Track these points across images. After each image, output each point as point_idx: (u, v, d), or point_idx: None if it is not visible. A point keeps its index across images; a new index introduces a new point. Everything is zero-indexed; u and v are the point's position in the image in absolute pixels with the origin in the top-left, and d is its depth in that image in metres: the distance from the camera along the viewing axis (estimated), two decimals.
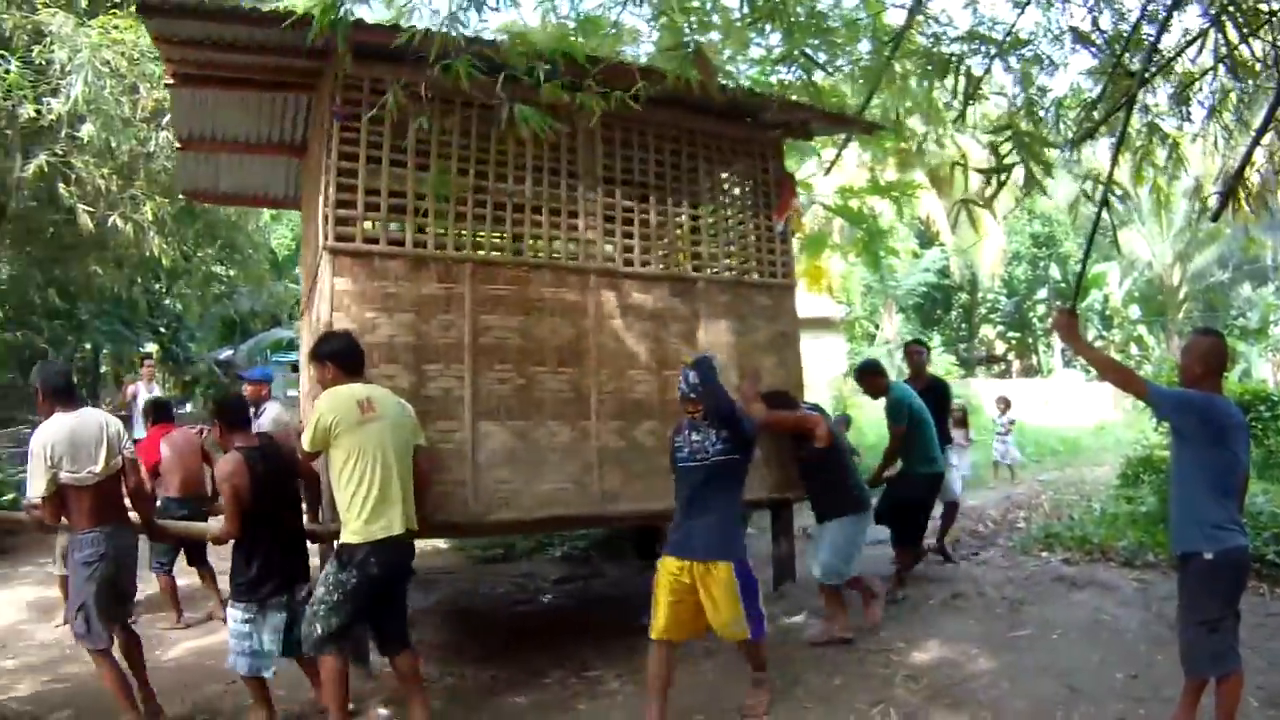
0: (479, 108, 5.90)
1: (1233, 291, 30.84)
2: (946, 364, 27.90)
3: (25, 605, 7.67)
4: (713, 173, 6.83)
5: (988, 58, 5.49)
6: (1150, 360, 29.64)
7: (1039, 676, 5.10)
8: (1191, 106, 6.32)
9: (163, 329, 20.21)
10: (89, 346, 19.79)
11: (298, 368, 10.12)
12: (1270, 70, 5.77)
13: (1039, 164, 4.60)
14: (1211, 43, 5.49)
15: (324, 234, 5.47)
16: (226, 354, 21.65)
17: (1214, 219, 7.57)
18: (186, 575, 7.33)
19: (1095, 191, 4.78)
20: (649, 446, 6.16)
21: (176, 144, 7.26)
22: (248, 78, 6.00)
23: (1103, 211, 4.75)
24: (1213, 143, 7.30)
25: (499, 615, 7.38)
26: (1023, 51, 5.60)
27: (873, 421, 12.35)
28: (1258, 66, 5.85)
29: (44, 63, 9.27)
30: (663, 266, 6.53)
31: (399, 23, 4.40)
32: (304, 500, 5.31)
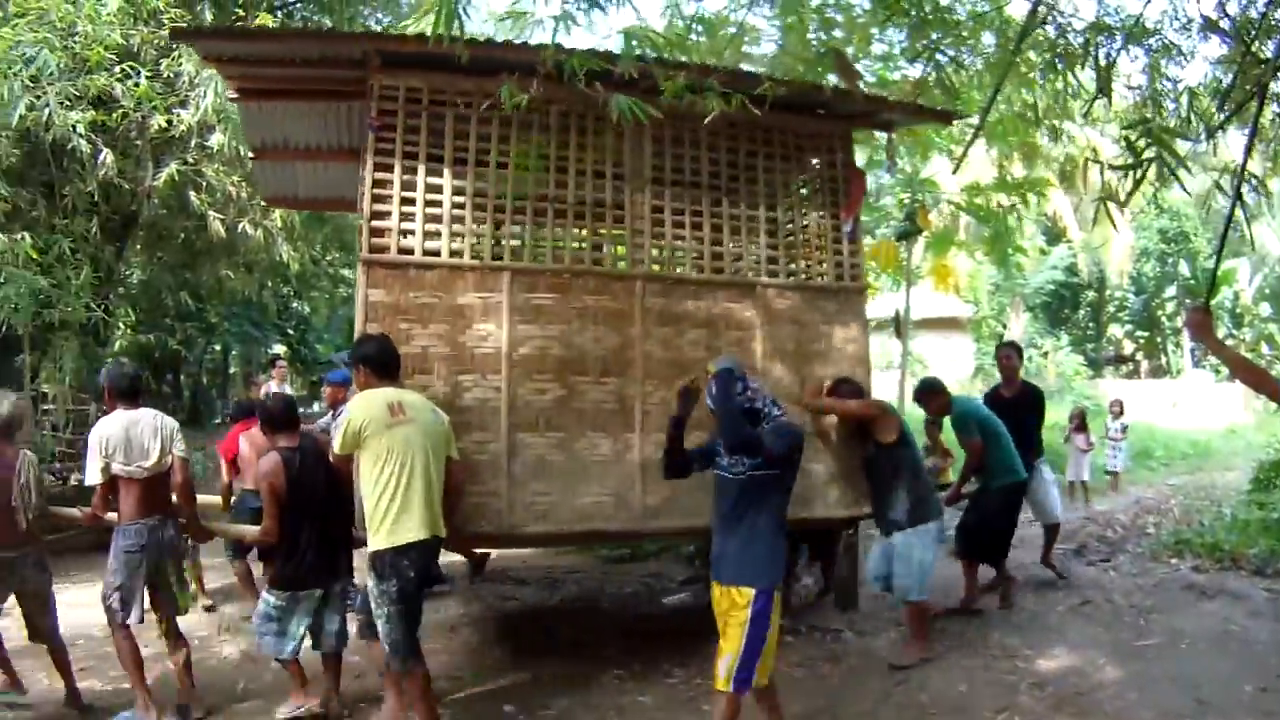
0: (517, 111, 5.81)
1: None
2: (1074, 364, 26.75)
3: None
4: (773, 169, 6.46)
5: (1114, 49, 5.12)
6: None
7: (1166, 687, 5.07)
8: None
9: (290, 330, 21.05)
10: (219, 348, 20.85)
11: None
12: None
13: (1174, 157, 4.30)
14: None
15: (359, 245, 5.48)
16: None
17: None
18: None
19: (1228, 184, 4.45)
20: None
21: (250, 154, 7.45)
22: (300, 89, 6.09)
23: (1236, 205, 4.34)
24: None
25: (625, 614, 7.37)
26: (1150, 41, 5.24)
27: None
28: None
29: (172, 75, 9.76)
30: (717, 270, 6.25)
31: (440, 33, 4.34)
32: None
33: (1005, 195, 11.44)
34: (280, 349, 20.39)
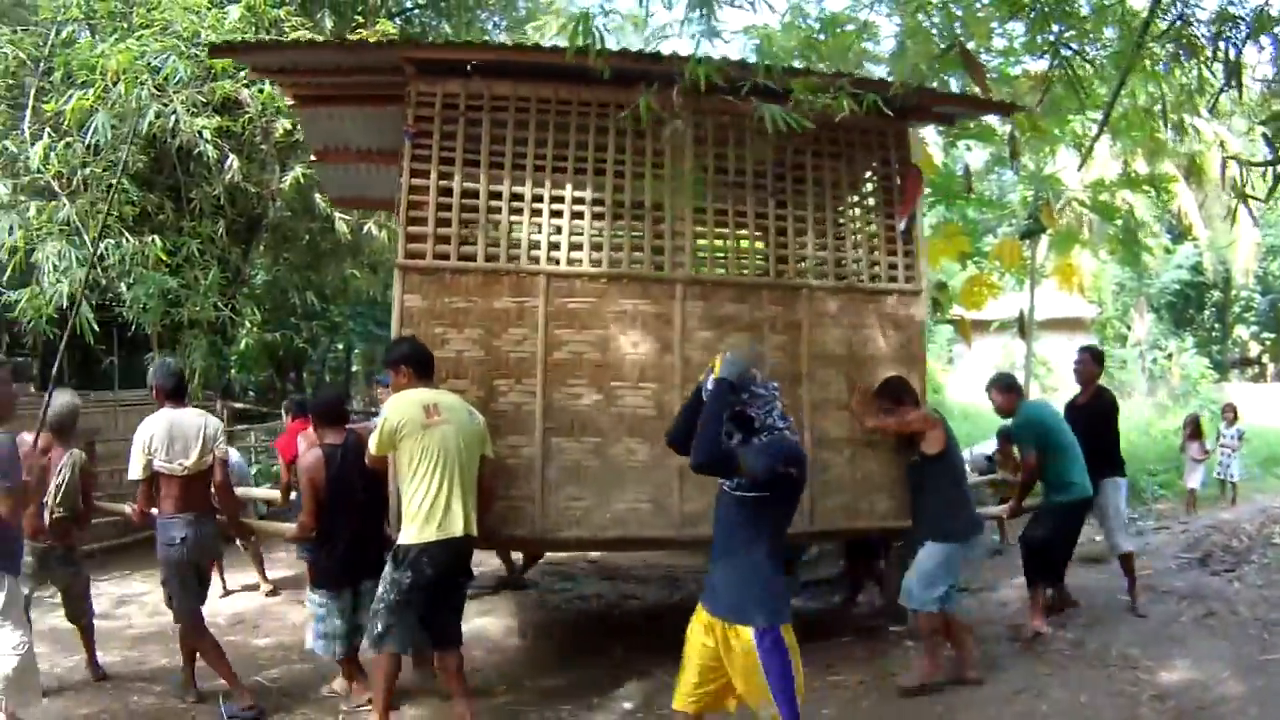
0: (557, 114, 5.77)
1: None
2: (1199, 367, 25.31)
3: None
4: (822, 165, 6.25)
5: (1240, 40, 4.82)
6: None
7: None
8: None
9: None
10: (341, 346, 21.41)
11: None
12: None
13: None
14: None
15: (396, 250, 5.54)
16: None
17: None
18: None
19: None
20: None
21: (313, 156, 7.62)
22: (349, 95, 6.19)
23: None
24: None
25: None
26: (1278, 31, 4.88)
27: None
28: None
29: None
30: (762, 273, 6.08)
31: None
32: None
33: (1130, 191, 10.93)
34: None
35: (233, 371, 11.35)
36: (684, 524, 5.68)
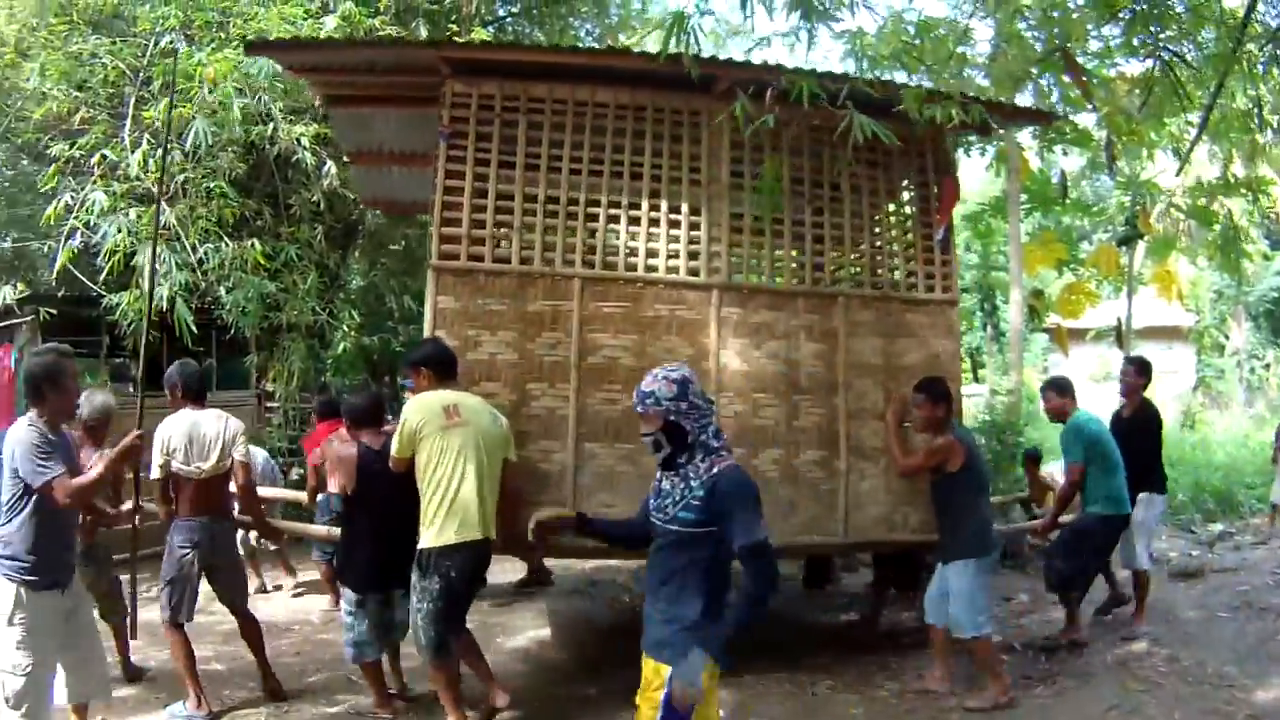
0: (594, 117, 5.72)
1: None
2: None
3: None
4: (859, 174, 6.17)
5: None
6: None
7: None
8: None
9: None
10: None
11: None
12: None
13: None
14: None
15: (429, 251, 5.48)
16: None
17: None
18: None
19: None
20: (771, 477, 5.68)
21: (345, 158, 7.59)
22: (384, 96, 6.16)
23: None
24: None
25: (835, 623, 7.32)
26: None
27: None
28: None
29: None
30: (797, 280, 6.01)
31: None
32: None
33: (1228, 196, 10.72)
34: None
35: (328, 375, 11.41)
36: None
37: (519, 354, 5.44)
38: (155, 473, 5.06)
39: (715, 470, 3.00)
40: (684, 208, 5.79)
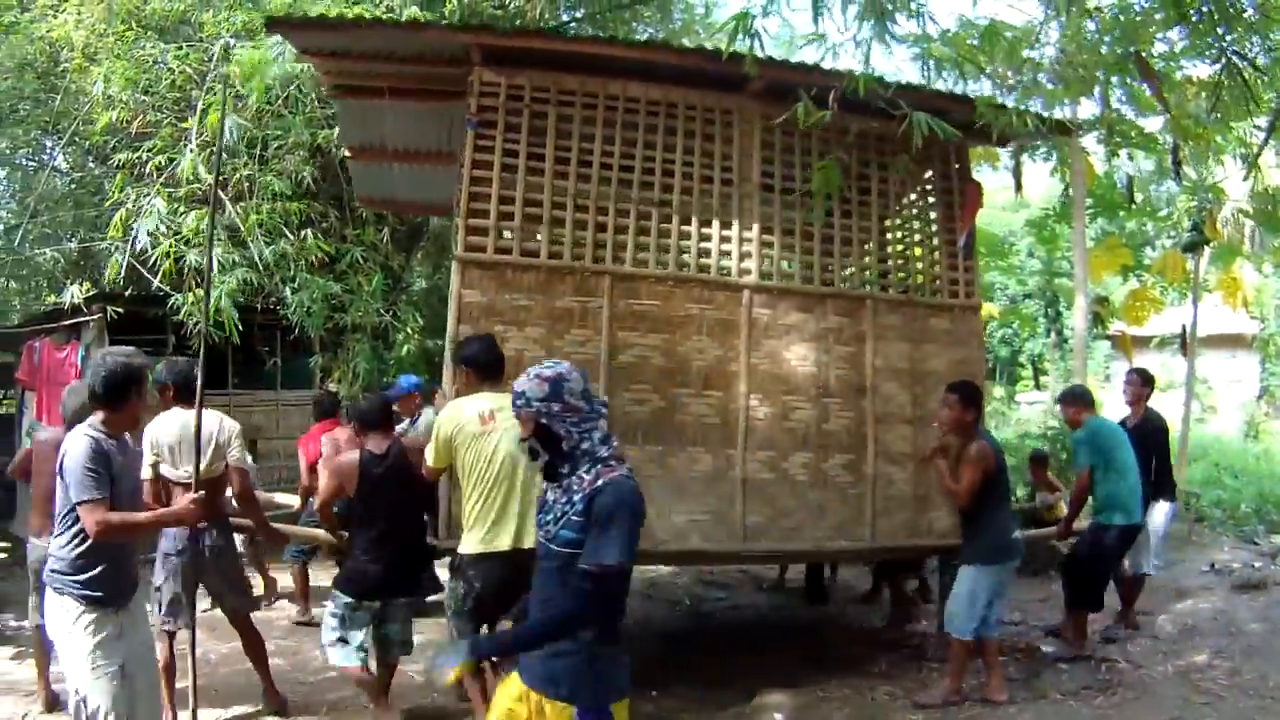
0: (625, 112, 5.60)
1: None
2: None
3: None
4: (886, 179, 6.13)
5: None
6: None
7: None
8: None
9: None
10: None
11: None
12: None
13: None
14: None
15: (455, 243, 5.29)
16: None
17: None
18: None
19: None
20: (800, 481, 5.61)
21: (346, 153, 7.35)
22: (398, 87, 5.96)
23: None
24: None
25: (892, 628, 7.12)
26: None
27: None
28: None
29: None
30: (826, 282, 5.93)
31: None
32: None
33: None
34: None
35: (389, 375, 11.22)
36: (746, 538, 5.48)
37: (546, 351, 5.24)
38: (145, 472, 4.68)
39: (600, 482, 2.61)
40: (715, 206, 5.68)
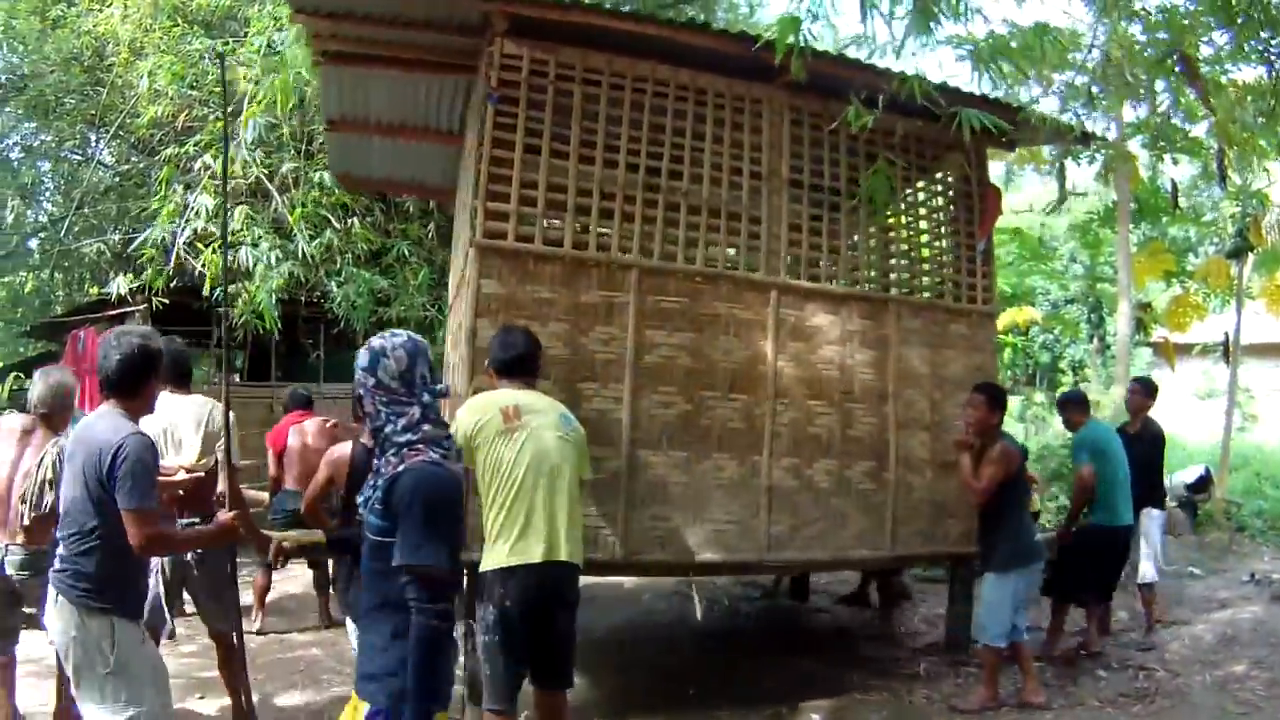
0: (654, 96, 5.26)
1: None
2: None
3: None
4: (911, 181, 5.97)
5: None
6: None
7: None
8: None
9: None
10: None
11: None
12: None
13: None
14: None
15: (473, 228, 4.87)
16: None
17: None
18: None
19: None
20: (823, 488, 5.41)
21: (324, 124, 6.82)
22: (400, 57, 5.51)
23: None
24: None
25: (931, 631, 6.96)
26: None
27: None
28: None
29: None
30: (853, 284, 5.72)
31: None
32: None
33: None
34: None
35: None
36: (770, 547, 5.26)
37: (571, 349, 4.90)
38: None
39: (401, 468, 2.49)
40: (744, 200, 5.40)
